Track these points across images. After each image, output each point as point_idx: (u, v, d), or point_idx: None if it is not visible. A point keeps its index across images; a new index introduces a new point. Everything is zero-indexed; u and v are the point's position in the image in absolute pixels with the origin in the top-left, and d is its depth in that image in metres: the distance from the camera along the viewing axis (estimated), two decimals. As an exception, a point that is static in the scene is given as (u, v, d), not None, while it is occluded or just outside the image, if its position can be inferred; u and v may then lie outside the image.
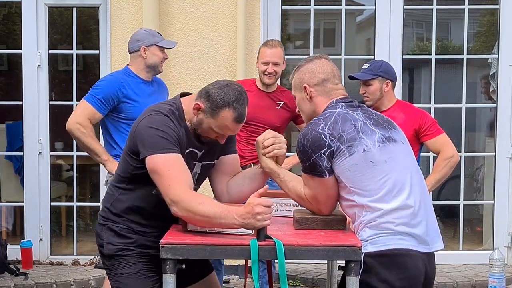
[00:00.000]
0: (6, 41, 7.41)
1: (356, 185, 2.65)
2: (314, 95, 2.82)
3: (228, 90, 2.73)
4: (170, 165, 2.65)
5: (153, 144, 2.67)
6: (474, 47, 7.34)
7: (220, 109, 2.71)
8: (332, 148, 2.63)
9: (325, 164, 2.64)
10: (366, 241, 2.63)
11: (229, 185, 3.01)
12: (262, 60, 4.51)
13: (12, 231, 6.63)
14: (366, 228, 2.65)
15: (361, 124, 2.69)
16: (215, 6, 5.75)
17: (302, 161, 2.71)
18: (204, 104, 2.73)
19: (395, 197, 2.65)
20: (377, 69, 4.21)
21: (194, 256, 2.52)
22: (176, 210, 2.60)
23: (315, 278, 5.59)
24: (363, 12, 8.08)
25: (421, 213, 2.69)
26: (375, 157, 2.65)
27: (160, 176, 2.64)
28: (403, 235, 2.64)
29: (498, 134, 5.97)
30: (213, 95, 2.72)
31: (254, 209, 2.47)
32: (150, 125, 2.70)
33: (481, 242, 6.50)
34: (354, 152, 2.63)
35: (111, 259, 2.86)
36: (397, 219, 2.63)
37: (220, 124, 2.74)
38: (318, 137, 2.64)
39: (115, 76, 4.28)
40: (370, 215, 2.64)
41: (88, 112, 4.08)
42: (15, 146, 6.53)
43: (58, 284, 5.33)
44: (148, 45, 4.21)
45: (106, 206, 2.91)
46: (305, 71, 2.85)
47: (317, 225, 2.77)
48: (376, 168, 2.64)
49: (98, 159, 4.13)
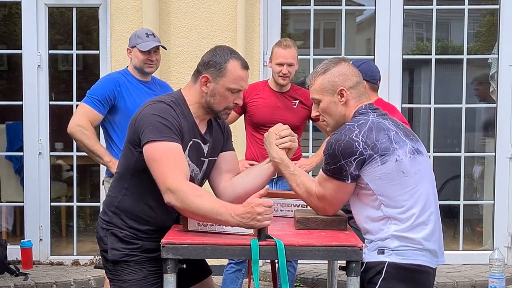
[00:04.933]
0: (6, 41, 7.42)
1: (385, 195, 2.62)
2: (349, 99, 2.76)
3: (219, 49, 2.81)
4: (170, 153, 2.61)
5: (155, 130, 2.63)
6: (474, 47, 7.34)
7: (224, 64, 2.76)
8: (364, 156, 2.60)
9: (352, 170, 2.61)
10: (392, 251, 2.61)
11: (234, 182, 2.98)
12: (277, 61, 4.40)
13: (12, 231, 6.63)
14: (395, 239, 2.62)
15: (394, 134, 2.67)
16: (215, 6, 5.75)
17: (328, 163, 2.67)
18: (209, 73, 2.77)
19: (424, 210, 2.65)
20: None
21: (195, 256, 2.52)
22: (171, 199, 2.55)
23: (315, 278, 5.59)
24: (363, 12, 8.09)
25: (437, 227, 2.72)
26: (407, 168, 2.63)
27: (158, 164, 2.60)
28: (425, 251, 2.65)
29: (498, 134, 5.97)
30: (211, 60, 2.77)
31: (255, 209, 2.46)
32: (152, 112, 2.69)
33: (481, 242, 6.50)
34: (387, 162, 2.60)
35: (115, 264, 2.80)
36: (423, 233, 2.63)
37: (233, 77, 2.76)
38: (351, 144, 2.61)
39: (112, 75, 4.30)
40: (399, 226, 2.62)
41: (88, 114, 4.07)
42: (15, 146, 6.53)
43: (58, 284, 5.33)
44: (131, 46, 4.23)
45: (110, 210, 2.84)
46: (337, 74, 2.77)
47: (318, 225, 2.77)
48: (406, 179, 2.63)
49: (100, 161, 4.11)
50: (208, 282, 3.12)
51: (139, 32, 4.25)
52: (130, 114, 4.01)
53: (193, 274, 3.01)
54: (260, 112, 4.46)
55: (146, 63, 4.18)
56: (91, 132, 4.07)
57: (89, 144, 4.06)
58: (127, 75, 4.23)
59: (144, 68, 4.19)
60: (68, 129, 4.10)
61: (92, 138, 4.07)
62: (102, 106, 4.08)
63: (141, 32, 4.25)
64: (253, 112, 4.47)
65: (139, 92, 4.18)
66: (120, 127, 4.12)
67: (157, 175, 2.60)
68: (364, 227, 2.72)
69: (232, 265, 4.50)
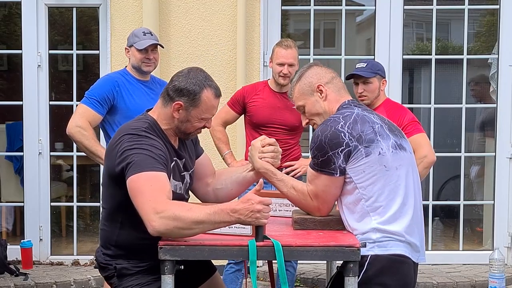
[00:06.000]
0: (6, 41, 7.42)
1: (367, 189, 2.66)
2: (328, 93, 2.83)
3: (193, 75, 2.74)
4: (154, 180, 2.50)
5: (138, 164, 2.52)
6: (474, 47, 7.34)
7: (199, 94, 2.71)
8: (350, 147, 2.64)
9: (340, 162, 2.65)
10: (373, 243, 2.64)
11: (216, 189, 3.01)
12: (278, 61, 4.40)
13: (12, 231, 6.63)
14: (376, 231, 2.65)
15: (379, 127, 2.72)
16: (215, 6, 5.75)
17: (315, 156, 2.69)
18: (182, 100, 2.72)
19: (404, 204, 2.68)
20: (375, 68, 4.25)
21: (193, 257, 2.52)
22: (160, 223, 2.39)
23: (315, 278, 5.59)
24: (363, 12, 8.09)
25: (418, 222, 2.75)
26: (388, 162, 2.67)
27: (140, 193, 2.46)
28: (406, 243, 2.68)
29: (498, 134, 5.97)
30: (185, 87, 2.71)
31: (255, 206, 2.43)
32: (133, 147, 2.59)
33: (481, 242, 6.49)
34: (371, 154, 2.64)
35: (121, 278, 2.76)
36: (403, 225, 2.67)
37: (206, 107, 2.73)
38: (337, 134, 2.65)
39: (110, 76, 4.29)
40: (379, 219, 2.65)
41: (87, 114, 4.06)
42: (15, 146, 6.53)
43: (58, 284, 5.33)
44: (129, 46, 4.23)
45: (111, 244, 2.78)
46: (311, 75, 2.87)
47: (316, 225, 2.77)
48: (387, 173, 2.66)
49: (100, 162, 4.08)
50: (214, 281, 3.10)
51: (136, 31, 4.25)
52: (129, 114, 4.04)
53: (199, 275, 3.01)
54: (260, 112, 4.46)
55: (143, 61, 4.17)
56: (90, 133, 4.05)
57: (89, 144, 4.05)
58: (126, 75, 4.22)
59: (141, 67, 4.18)
60: (67, 130, 4.09)
61: (92, 138, 4.05)
62: (101, 106, 4.08)
63: (138, 31, 4.25)
64: (253, 112, 4.47)
65: (138, 92, 4.18)
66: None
67: (141, 206, 2.46)
68: (346, 221, 2.74)
69: (231, 265, 4.50)
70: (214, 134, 4.57)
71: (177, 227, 2.41)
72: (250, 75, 5.70)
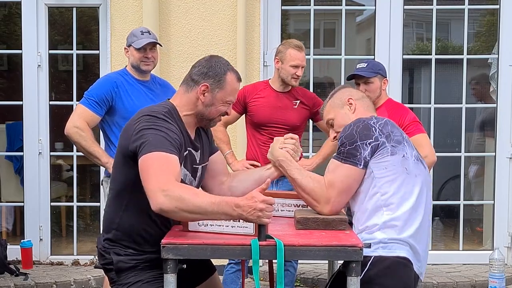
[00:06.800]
0: (6, 41, 7.41)
1: (385, 184, 2.74)
2: (358, 107, 2.97)
3: (215, 59, 2.85)
4: (166, 161, 2.52)
5: (153, 143, 2.56)
6: (474, 47, 7.34)
7: (223, 76, 2.79)
8: (378, 142, 2.75)
9: (366, 155, 2.74)
10: (378, 244, 2.70)
11: (231, 187, 3.03)
12: (292, 63, 4.38)
13: (12, 231, 6.63)
14: (383, 229, 2.71)
15: (405, 136, 2.89)
16: (215, 6, 5.75)
17: (343, 145, 2.78)
18: (208, 82, 2.78)
19: (414, 210, 2.75)
20: (376, 68, 4.26)
21: (195, 256, 2.52)
22: (164, 201, 2.41)
23: (315, 278, 5.59)
24: (363, 12, 8.09)
25: (424, 233, 2.82)
26: (410, 166, 2.78)
27: (150, 170, 2.48)
28: (410, 246, 2.74)
29: (498, 134, 5.97)
30: (210, 70, 2.80)
31: (257, 204, 2.43)
32: (150, 127, 2.62)
33: (481, 242, 6.50)
34: (396, 154, 2.76)
35: (119, 273, 2.77)
36: (410, 229, 2.73)
37: (230, 89, 2.82)
38: (369, 127, 2.78)
39: (109, 76, 4.29)
40: (389, 216, 2.72)
41: (85, 115, 4.05)
42: (15, 146, 6.53)
43: (58, 284, 5.33)
44: (128, 45, 4.23)
45: (112, 228, 2.79)
46: (342, 92, 3.06)
47: (318, 225, 2.77)
48: (407, 177, 2.76)
49: (98, 162, 4.09)
50: (212, 281, 3.11)
51: (135, 31, 4.25)
52: (128, 115, 4.02)
53: (197, 274, 3.01)
54: (261, 112, 4.46)
55: (142, 60, 4.16)
56: (88, 133, 4.04)
57: (87, 145, 4.04)
58: (126, 75, 4.22)
59: (140, 66, 4.17)
60: (65, 130, 4.08)
61: (89, 139, 4.04)
62: (100, 107, 4.07)
63: (136, 30, 4.25)
64: (253, 112, 4.47)
65: (137, 92, 4.17)
66: (119, 128, 4.10)
67: (148, 180, 2.48)
68: (356, 219, 2.80)
69: (232, 265, 4.50)
70: (215, 134, 4.56)
71: (179, 208, 2.42)
72: (250, 75, 5.70)
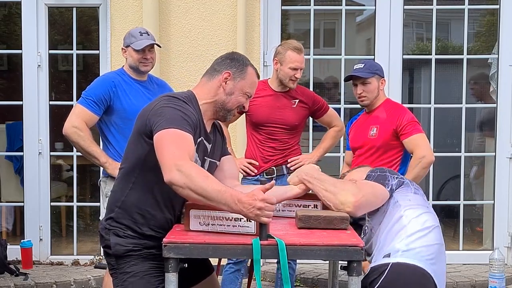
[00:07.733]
0: (6, 41, 7.42)
1: (408, 210, 2.99)
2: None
3: (238, 53, 2.97)
4: (180, 137, 2.58)
5: (169, 120, 2.61)
6: (474, 47, 7.35)
7: (245, 67, 2.87)
8: (403, 180, 3.13)
9: (393, 184, 3.06)
10: (397, 252, 2.81)
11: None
12: (292, 65, 4.39)
13: (12, 231, 6.63)
14: (405, 244, 2.84)
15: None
16: (215, 6, 5.75)
17: (374, 171, 3.11)
18: (231, 70, 2.84)
19: (436, 240, 2.96)
20: (373, 68, 4.27)
21: (197, 255, 2.52)
22: (176, 176, 2.47)
23: (315, 278, 5.59)
24: (363, 12, 8.10)
25: (442, 258, 2.98)
26: (430, 208, 3.11)
27: (167, 144, 2.55)
28: (429, 261, 2.84)
29: (498, 134, 5.97)
30: (233, 60, 2.88)
31: (256, 203, 2.43)
32: (168, 105, 2.68)
33: (481, 242, 6.50)
34: (418, 194, 3.11)
35: (118, 259, 2.79)
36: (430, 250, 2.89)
37: (251, 81, 2.88)
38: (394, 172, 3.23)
39: (107, 76, 4.28)
40: (412, 237, 2.89)
41: (84, 115, 4.04)
42: (15, 146, 6.53)
43: (58, 284, 5.33)
44: (126, 46, 4.22)
45: (116, 205, 2.81)
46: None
47: (320, 223, 2.77)
48: (428, 210, 3.05)
49: (97, 162, 4.08)
50: (210, 281, 3.11)
51: (133, 31, 4.24)
52: (126, 115, 4.04)
53: (195, 273, 3.00)
54: (260, 112, 4.46)
55: (141, 61, 4.16)
56: (86, 133, 4.04)
57: (85, 145, 4.04)
58: (123, 75, 4.21)
59: (139, 67, 4.17)
60: (63, 130, 4.08)
61: (88, 139, 4.04)
62: (98, 107, 4.07)
63: (135, 31, 4.24)
64: (252, 111, 4.47)
65: (135, 92, 4.17)
66: (116, 128, 4.11)
67: (164, 154, 2.53)
68: (379, 245, 2.96)
69: (231, 265, 4.50)
70: None
71: (187, 185, 2.47)
72: (250, 75, 5.69)
